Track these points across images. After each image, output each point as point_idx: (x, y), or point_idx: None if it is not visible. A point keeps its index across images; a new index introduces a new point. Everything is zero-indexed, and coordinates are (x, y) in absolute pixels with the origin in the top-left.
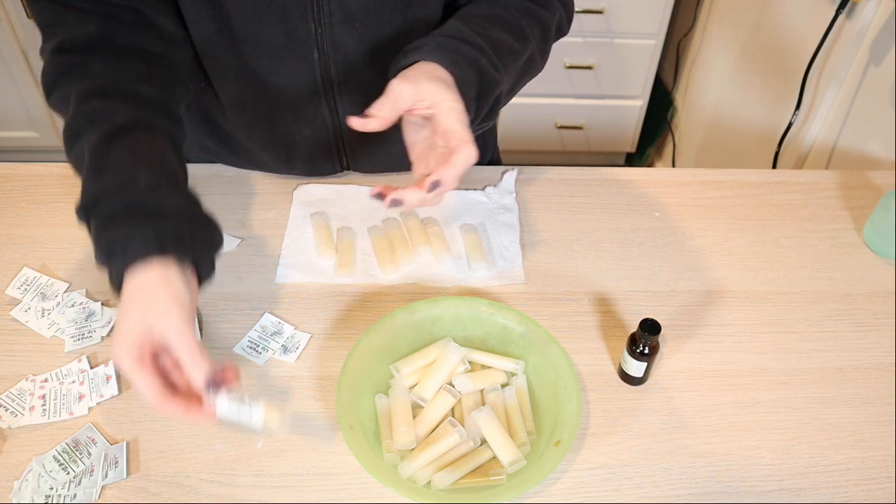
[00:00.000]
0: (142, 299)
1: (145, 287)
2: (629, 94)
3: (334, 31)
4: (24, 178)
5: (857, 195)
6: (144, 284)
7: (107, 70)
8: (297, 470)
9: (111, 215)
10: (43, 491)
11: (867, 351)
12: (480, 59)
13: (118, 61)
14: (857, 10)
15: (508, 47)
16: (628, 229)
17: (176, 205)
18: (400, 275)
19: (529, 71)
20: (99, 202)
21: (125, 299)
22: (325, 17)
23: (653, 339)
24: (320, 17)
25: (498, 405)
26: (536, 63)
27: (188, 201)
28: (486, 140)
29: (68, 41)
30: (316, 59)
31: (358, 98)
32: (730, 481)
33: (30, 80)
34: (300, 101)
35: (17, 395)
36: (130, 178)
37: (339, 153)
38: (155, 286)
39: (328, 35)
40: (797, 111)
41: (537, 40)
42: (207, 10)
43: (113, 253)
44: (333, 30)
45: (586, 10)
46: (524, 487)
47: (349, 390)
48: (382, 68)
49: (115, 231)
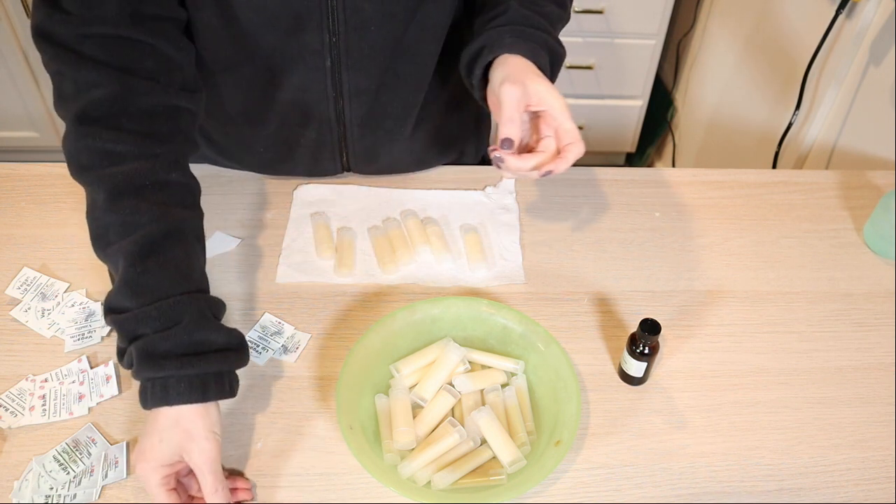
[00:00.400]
0: (180, 430)
1: (184, 419)
2: (629, 94)
3: (348, 38)
4: (24, 178)
5: (857, 195)
6: (182, 417)
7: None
8: (297, 470)
9: (156, 353)
10: (43, 491)
11: (867, 351)
12: (548, 39)
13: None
14: (857, 10)
15: (558, 17)
16: (628, 229)
17: (218, 343)
18: (400, 275)
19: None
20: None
21: (161, 424)
22: (339, 25)
23: (653, 339)
24: (335, 26)
25: (498, 405)
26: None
27: (228, 336)
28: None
29: (90, 108)
30: (328, 66)
31: (365, 102)
32: (730, 481)
33: (30, 80)
34: (308, 107)
35: (17, 395)
36: (175, 313)
37: (342, 154)
38: (193, 418)
39: (342, 42)
40: (797, 111)
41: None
42: (224, 31)
43: (154, 387)
44: (347, 37)
45: (586, 10)
46: (524, 487)
47: (349, 390)
48: (393, 72)
49: (159, 369)
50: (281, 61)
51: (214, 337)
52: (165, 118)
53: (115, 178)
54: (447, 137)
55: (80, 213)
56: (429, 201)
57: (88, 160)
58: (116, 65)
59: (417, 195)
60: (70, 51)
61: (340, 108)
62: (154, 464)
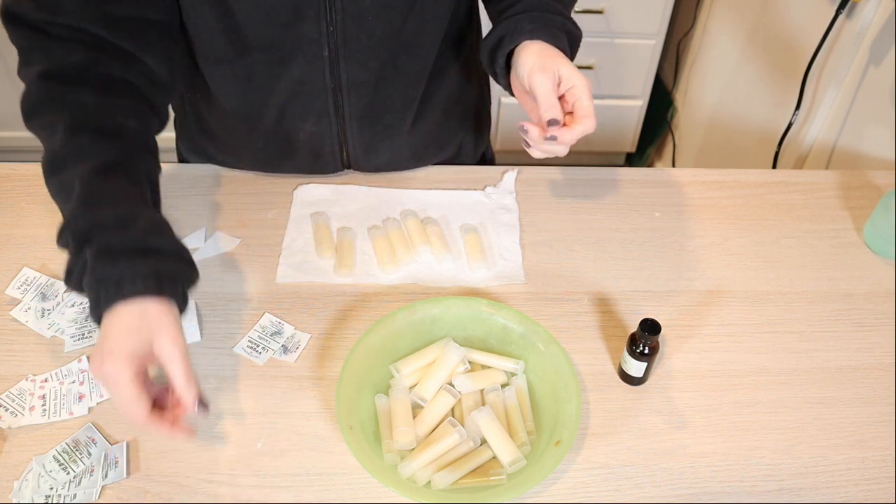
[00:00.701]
0: (148, 321)
1: (150, 312)
2: (629, 94)
3: (346, 28)
4: (24, 178)
5: (857, 195)
6: (147, 312)
7: (95, 102)
8: (297, 470)
9: (110, 249)
10: (43, 491)
11: (867, 351)
12: (566, 22)
13: (106, 94)
14: (857, 10)
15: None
16: (628, 229)
17: (171, 246)
18: (400, 275)
19: None
20: (95, 233)
21: (126, 320)
22: (337, 14)
23: (653, 339)
24: (333, 15)
25: (498, 405)
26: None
27: (179, 245)
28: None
29: (55, 68)
30: (326, 56)
31: (364, 95)
32: (730, 481)
33: None
34: (307, 99)
35: (17, 395)
36: (129, 215)
37: (341, 149)
38: (159, 311)
39: (339, 32)
40: (797, 111)
41: None
42: (220, 23)
43: (106, 284)
44: (345, 26)
45: (586, 10)
46: (524, 487)
47: (349, 390)
48: (392, 65)
49: (113, 265)
50: (279, 53)
51: (168, 244)
52: (132, 87)
53: (76, 116)
54: (447, 132)
55: None
56: (429, 201)
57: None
58: (87, 43)
59: (417, 195)
60: (39, 31)
61: (340, 102)
62: (125, 357)
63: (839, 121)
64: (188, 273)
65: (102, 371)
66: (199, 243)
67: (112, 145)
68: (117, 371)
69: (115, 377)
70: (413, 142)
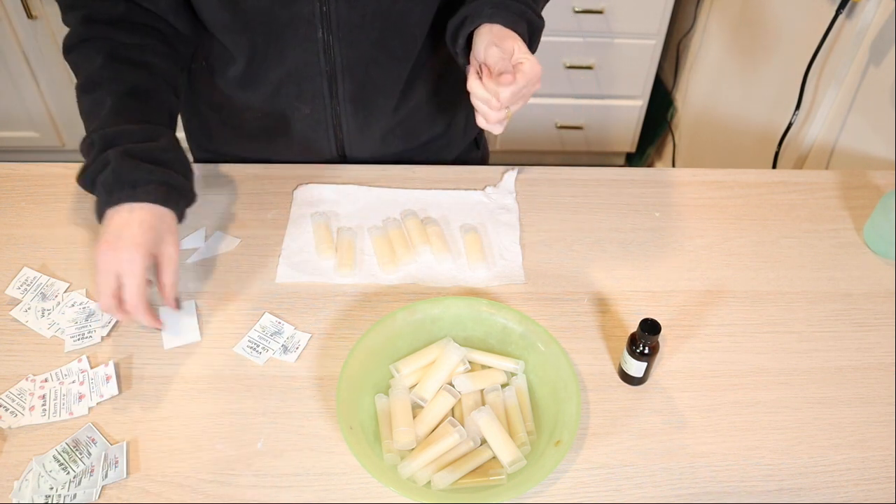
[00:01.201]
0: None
1: (165, 218)
2: (629, 94)
3: (339, 9)
4: (24, 178)
5: (857, 195)
6: (164, 216)
7: (130, 41)
8: (297, 470)
9: (133, 154)
10: (43, 491)
11: (867, 351)
12: (527, 11)
13: (139, 36)
14: (857, 10)
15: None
16: (628, 229)
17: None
18: (400, 275)
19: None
20: (123, 139)
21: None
22: None
23: (653, 339)
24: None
25: (498, 405)
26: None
27: (189, 167)
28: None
29: (96, 14)
30: (320, 37)
31: (358, 77)
32: (730, 481)
33: (30, 80)
34: (303, 79)
35: (17, 395)
36: (153, 132)
37: (336, 135)
38: (172, 220)
39: (333, 13)
40: (797, 111)
41: None
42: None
43: (122, 184)
44: (338, 7)
45: (586, 10)
46: (524, 487)
47: (349, 390)
48: (385, 46)
49: (134, 168)
50: (276, 29)
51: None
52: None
53: (113, 49)
54: (436, 108)
55: (81, 213)
56: (429, 201)
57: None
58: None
59: (417, 195)
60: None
61: (334, 86)
62: (143, 248)
63: (839, 121)
64: (191, 193)
65: (118, 256)
66: (199, 243)
67: (143, 76)
68: (134, 259)
69: (130, 264)
70: (404, 120)
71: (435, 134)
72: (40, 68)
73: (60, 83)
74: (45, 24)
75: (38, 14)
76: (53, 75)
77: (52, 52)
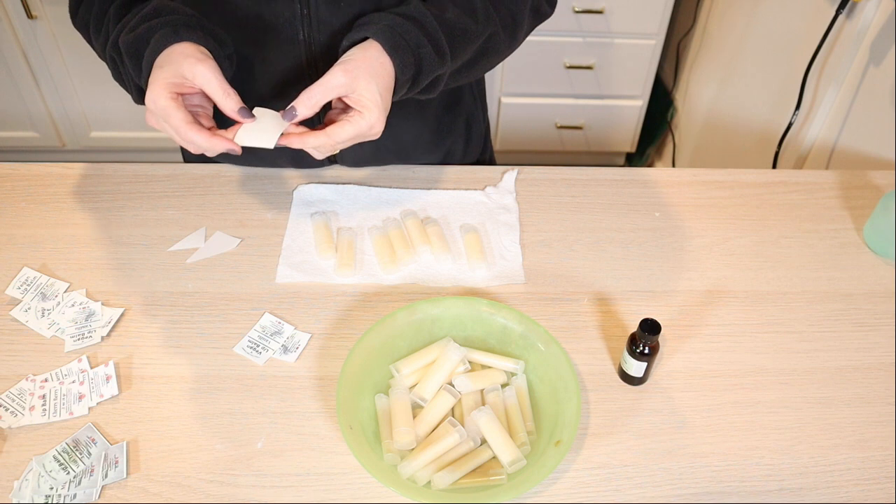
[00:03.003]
0: (173, 58)
1: (165, 54)
2: (629, 94)
3: (319, 12)
4: (24, 178)
5: (857, 195)
6: (175, 49)
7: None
8: (297, 470)
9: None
10: (43, 491)
11: (867, 351)
12: (425, 45)
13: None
14: (857, 10)
15: (462, 30)
16: (628, 229)
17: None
18: (400, 275)
19: (492, 51)
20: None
21: (157, 63)
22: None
23: (653, 339)
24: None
25: (498, 405)
26: (501, 44)
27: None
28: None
29: None
30: (301, 40)
31: None
32: (730, 481)
33: (30, 80)
34: (285, 83)
35: (17, 395)
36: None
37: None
38: (184, 48)
39: (314, 16)
40: (797, 111)
41: (503, 22)
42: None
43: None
44: (319, 10)
45: (586, 10)
46: (524, 487)
47: (349, 390)
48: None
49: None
50: (256, 31)
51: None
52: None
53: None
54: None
55: (80, 212)
56: (429, 201)
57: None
58: None
59: (417, 195)
60: None
61: None
62: (159, 89)
63: (839, 121)
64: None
65: (149, 113)
66: (199, 243)
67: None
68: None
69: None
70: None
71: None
72: (40, 68)
73: (60, 83)
74: (45, 24)
75: (38, 14)
76: (53, 75)
77: (52, 52)
